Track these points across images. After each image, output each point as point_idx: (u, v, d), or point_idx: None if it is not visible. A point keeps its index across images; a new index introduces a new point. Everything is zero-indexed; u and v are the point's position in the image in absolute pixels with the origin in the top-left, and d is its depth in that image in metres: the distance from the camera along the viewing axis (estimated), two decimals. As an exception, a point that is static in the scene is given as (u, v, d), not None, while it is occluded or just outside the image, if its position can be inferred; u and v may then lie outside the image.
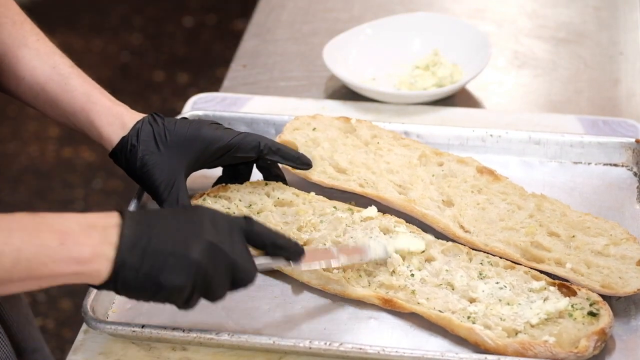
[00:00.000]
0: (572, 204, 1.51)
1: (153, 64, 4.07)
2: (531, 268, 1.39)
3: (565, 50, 1.99)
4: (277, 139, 1.60)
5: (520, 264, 1.40)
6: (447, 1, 2.16)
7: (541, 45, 2.00)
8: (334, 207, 1.49)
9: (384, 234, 1.44)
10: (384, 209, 1.50)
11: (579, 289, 1.35)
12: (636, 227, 1.49)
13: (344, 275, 1.38)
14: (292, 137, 1.60)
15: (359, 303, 1.38)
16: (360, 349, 1.28)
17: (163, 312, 1.38)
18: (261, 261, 1.27)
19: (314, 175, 1.55)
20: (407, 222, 1.46)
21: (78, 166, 3.57)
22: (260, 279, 1.41)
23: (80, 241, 1.13)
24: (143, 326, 1.31)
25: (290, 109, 1.76)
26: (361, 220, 1.46)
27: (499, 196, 1.51)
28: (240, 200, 1.51)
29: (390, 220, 1.46)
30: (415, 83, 1.85)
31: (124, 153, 1.46)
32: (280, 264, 1.30)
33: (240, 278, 1.21)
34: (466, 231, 1.45)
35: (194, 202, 1.50)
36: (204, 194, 1.52)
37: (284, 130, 1.62)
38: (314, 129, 1.62)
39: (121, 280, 1.15)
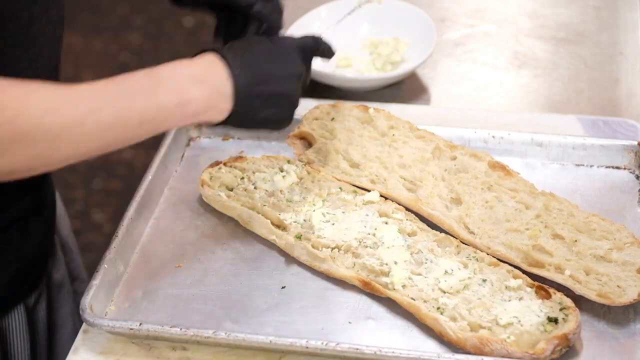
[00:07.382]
0: (574, 207, 1.50)
1: (153, 64, 4.05)
2: (531, 274, 1.38)
3: (565, 50, 1.98)
4: (296, 130, 1.62)
5: (521, 269, 1.39)
6: (447, 1, 2.15)
7: (541, 45, 2.00)
8: (340, 188, 1.52)
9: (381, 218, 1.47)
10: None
11: (554, 293, 1.34)
12: (638, 230, 1.48)
13: (330, 254, 1.41)
14: (310, 128, 1.62)
15: (358, 302, 1.38)
16: (357, 349, 1.28)
17: (161, 310, 1.37)
18: None
19: (327, 170, 1.57)
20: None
21: (78, 166, 3.56)
22: (259, 278, 1.43)
23: (195, 98, 1.32)
24: (141, 323, 1.31)
25: (290, 108, 1.76)
26: (363, 203, 1.49)
27: (509, 193, 1.50)
28: (253, 173, 1.56)
29: (390, 205, 1.49)
30: (367, 68, 1.89)
31: None
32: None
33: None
34: (470, 232, 1.45)
35: (208, 170, 1.56)
36: (220, 163, 1.57)
37: (303, 120, 1.63)
38: (332, 119, 1.63)
39: (233, 119, 1.38)
